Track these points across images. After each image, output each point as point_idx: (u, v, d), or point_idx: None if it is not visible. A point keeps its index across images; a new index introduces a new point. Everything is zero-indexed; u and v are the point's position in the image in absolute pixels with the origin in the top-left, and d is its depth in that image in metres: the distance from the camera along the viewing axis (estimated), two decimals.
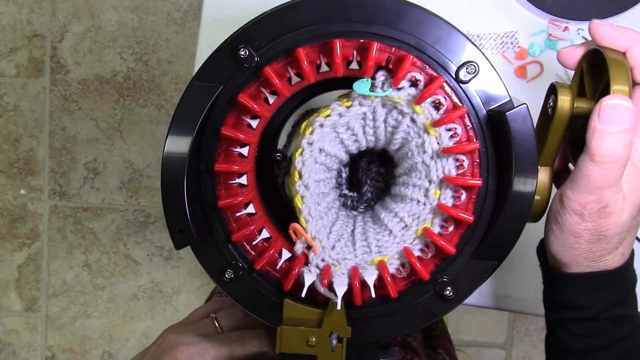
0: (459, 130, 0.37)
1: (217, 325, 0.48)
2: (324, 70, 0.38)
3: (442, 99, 0.37)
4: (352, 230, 0.41)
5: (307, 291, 0.37)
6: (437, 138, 0.38)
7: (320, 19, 0.37)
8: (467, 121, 0.37)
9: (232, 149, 0.38)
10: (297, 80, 0.38)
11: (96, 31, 1.44)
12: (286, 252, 0.39)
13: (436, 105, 0.38)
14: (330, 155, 0.41)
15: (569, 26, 0.58)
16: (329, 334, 0.38)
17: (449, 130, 0.38)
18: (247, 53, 0.37)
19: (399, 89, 0.37)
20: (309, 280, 0.37)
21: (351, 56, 0.37)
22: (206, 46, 0.60)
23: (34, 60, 1.46)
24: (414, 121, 0.38)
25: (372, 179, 0.46)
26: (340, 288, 0.36)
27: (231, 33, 0.38)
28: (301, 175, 0.38)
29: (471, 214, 0.38)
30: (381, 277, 0.37)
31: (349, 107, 0.39)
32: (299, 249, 0.39)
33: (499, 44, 0.58)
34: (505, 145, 0.37)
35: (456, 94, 0.37)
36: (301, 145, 0.38)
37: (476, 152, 0.38)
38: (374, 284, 0.37)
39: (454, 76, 0.37)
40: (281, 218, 0.41)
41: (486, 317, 1.45)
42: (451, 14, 0.40)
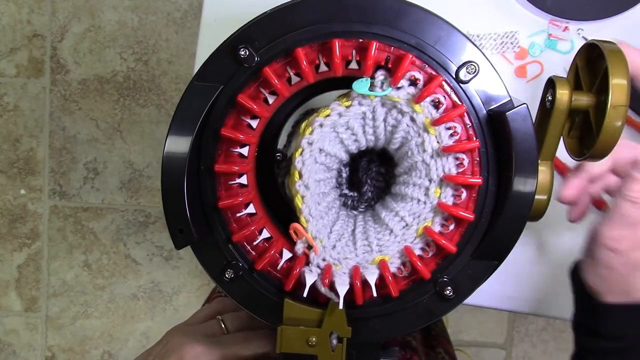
0: (459, 129, 0.37)
1: (223, 326, 0.48)
2: (323, 70, 0.38)
3: (442, 98, 0.37)
4: (353, 230, 0.41)
5: (308, 291, 0.37)
6: (436, 137, 0.38)
7: (320, 19, 0.37)
8: (466, 120, 0.37)
9: (232, 150, 0.38)
10: (296, 80, 0.38)
11: (96, 31, 1.44)
12: (287, 252, 0.39)
13: (436, 104, 0.38)
14: (330, 155, 0.41)
15: (569, 26, 0.58)
16: (329, 334, 0.38)
17: (449, 129, 0.38)
18: (247, 53, 0.37)
19: (399, 88, 0.37)
20: (310, 280, 0.37)
21: (350, 56, 0.37)
22: (206, 46, 0.60)
23: (34, 60, 1.46)
24: (413, 120, 0.38)
25: (372, 178, 0.46)
26: (342, 287, 0.36)
27: (231, 33, 0.38)
28: (301, 175, 0.38)
29: (472, 212, 0.38)
30: (382, 277, 0.38)
31: (348, 107, 0.39)
32: (300, 248, 0.39)
33: (499, 44, 0.58)
34: (506, 145, 0.37)
35: (456, 93, 0.37)
36: (301, 145, 0.38)
37: (476, 151, 0.38)
38: (375, 283, 0.37)
39: (454, 76, 0.37)
40: (281, 218, 0.41)
41: (486, 317, 1.45)
42: (451, 14, 0.40)
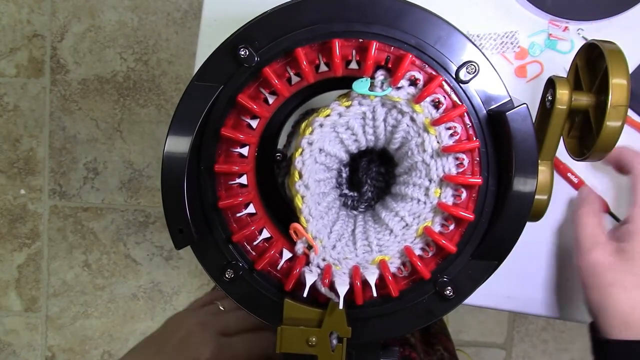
0: (459, 129, 0.37)
1: (220, 307, 0.51)
2: (323, 70, 0.38)
3: (442, 98, 0.37)
4: (353, 230, 0.41)
5: (308, 291, 0.37)
6: (436, 137, 0.38)
7: (320, 19, 0.37)
8: (466, 120, 0.37)
9: (232, 149, 0.38)
10: (296, 80, 0.38)
11: (96, 31, 1.44)
12: (287, 252, 0.39)
13: (436, 104, 0.38)
14: (330, 155, 0.41)
15: (569, 26, 0.58)
16: (329, 334, 0.38)
17: (449, 129, 0.38)
18: (247, 53, 0.37)
19: (398, 88, 0.37)
20: (310, 280, 0.37)
21: (350, 56, 0.37)
22: (206, 46, 0.59)
23: (34, 60, 1.46)
24: (413, 120, 0.38)
25: (372, 178, 0.46)
26: (342, 287, 0.36)
27: (231, 33, 0.38)
28: (301, 175, 0.38)
29: (472, 212, 0.38)
30: (382, 277, 0.38)
31: (348, 107, 0.39)
32: (300, 248, 0.39)
33: (499, 44, 0.58)
34: (506, 145, 0.37)
35: (456, 93, 0.37)
36: (301, 145, 0.38)
37: (476, 151, 0.38)
38: (375, 283, 0.37)
39: (454, 76, 0.37)
40: (281, 218, 0.41)
41: (486, 317, 1.45)
42: (451, 14, 0.40)
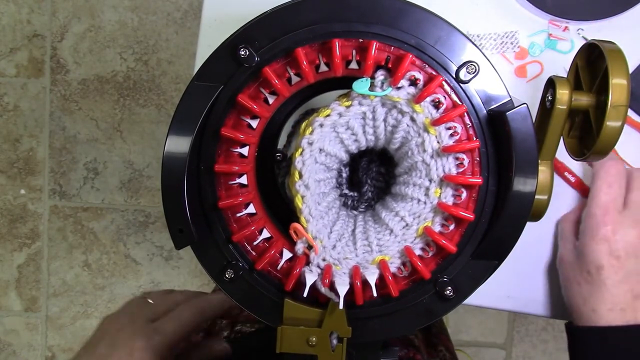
0: (459, 129, 0.37)
1: (148, 300, 0.52)
2: (323, 70, 0.38)
3: (442, 98, 0.37)
4: (353, 230, 0.41)
5: (308, 291, 0.37)
6: (437, 137, 0.38)
7: (320, 19, 0.37)
8: (467, 120, 0.37)
9: (232, 149, 0.38)
10: (296, 80, 0.38)
11: (96, 31, 1.44)
12: (287, 252, 0.39)
13: (436, 104, 0.38)
14: (330, 155, 0.41)
15: (569, 26, 0.58)
16: (329, 334, 0.38)
17: (449, 129, 0.38)
18: (247, 53, 0.37)
19: (399, 88, 0.37)
20: (310, 280, 0.37)
21: (350, 56, 0.37)
22: (206, 46, 0.59)
23: (34, 60, 1.46)
24: (413, 120, 0.38)
25: (372, 178, 0.46)
26: (342, 287, 0.36)
27: (231, 33, 0.38)
28: (301, 175, 0.38)
29: (472, 212, 0.38)
30: (382, 277, 0.37)
31: (348, 107, 0.39)
32: (300, 248, 0.39)
33: (499, 44, 0.58)
34: (506, 145, 0.37)
35: (456, 93, 0.37)
36: (301, 145, 0.38)
37: (476, 151, 0.38)
38: (375, 283, 0.37)
39: (454, 76, 0.37)
40: (281, 218, 0.41)
41: (486, 317, 1.45)
42: (451, 14, 0.40)
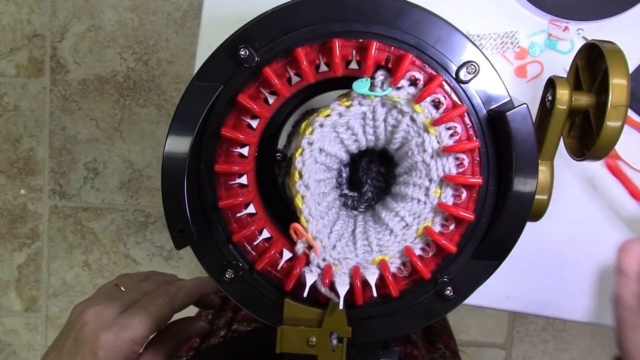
0: (459, 129, 0.37)
1: (120, 288, 0.50)
2: (323, 70, 0.38)
3: (442, 98, 0.37)
4: (353, 230, 0.41)
5: (308, 291, 0.37)
6: (437, 137, 0.38)
7: (320, 19, 0.37)
8: (467, 120, 0.37)
9: (232, 150, 0.38)
10: (296, 80, 0.38)
11: (96, 31, 1.44)
12: (287, 252, 0.39)
13: (436, 104, 0.38)
14: (331, 155, 0.41)
15: (569, 26, 0.58)
16: (329, 334, 0.38)
17: (449, 129, 0.38)
18: (247, 53, 0.37)
19: (399, 88, 0.37)
20: (311, 280, 0.37)
21: (350, 56, 0.37)
22: (206, 46, 0.59)
23: (34, 60, 1.46)
24: (413, 120, 0.38)
25: (372, 178, 0.46)
26: (342, 287, 0.36)
27: (231, 33, 0.38)
28: (301, 175, 0.38)
29: (472, 212, 0.38)
30: (382, 277, 0.37)
31: (348, 107, 0.39)
32: (300, 249, 0.39)
33: (499, 44, 0.58)
34: (506, 145, 0.37)
35: (456, 93, 0.37)
36: (301, 145, 0.38)
37: (476, 151, 0.38)
38: (375, 284, 0.37)
39: (454, 76, 0.37)
40: (281, 218, 0.41)
41: (486, 317, 1.45)
42: (451, 14, 0.40)
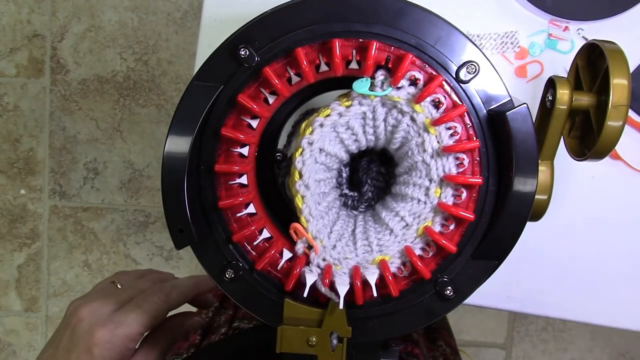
0: (459, 129, 0.37)
1: (117, 285, 0.50)
2: (323, 70, 0.38)
3: (442, 98, 0.37)
4: (353, 230, 0.41)
5: (308, 291, 0.37)
6: (437, 137, 0.38)
7: (320, 19, 0.37)
8: (467, 120, 0.37)
9: (232, 149, 0.38)
10: (296, 80, 0.38)
11: (96, 31, 1.44)
12: (287, 252, 0.39)
13: (436, 104, 0.38)
14: (331, 154, 0.41)
15: (569, 26, 0.58)
16: (329, 334, 0.38)
17: (449, 129, 0.38)
18: (248, 53, 0.37)
19: (399, 88, 0.37)
20: (311, 280, 0.37)
21: (350, 56, 0.37)
22: (206, 46, 0.60)
23: (34, 60, 1.46)
24: (413, 120, 0.38)
25: (372, 178, 0.46)
26: (342, 287, 0.36)
27: (231, 33, 0.38)
28: (301, 175, 0.38)
29: (472, 212, 0.38)
30: (382, 276, 0.37)
31: (348, 107, 0.39)
32: (300, 248, 0.39)
33: (499, 44, 0.58)
34: (506, 145, 0.37)
35: (456, 93, 0.37)
36: (301, 145, 0.38)
37: (476, 150, 0.38)
38: (375, 283, 0.37)
39: (454, 76, 0.37)
40: (281, 218, 0.41)
41: (486, 317, 1.45)
42: (451, 14, 0.40)
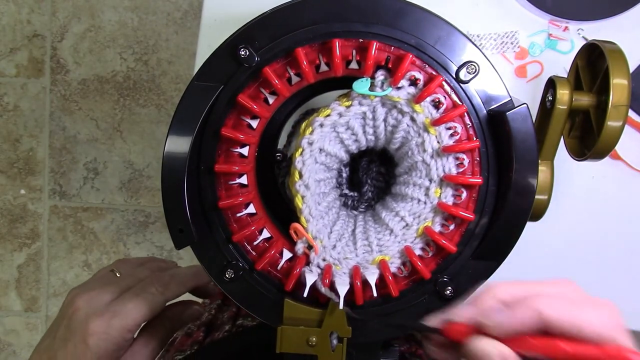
0: (459, 129, 0.37)
1: (116, 273, 0.50)
2: (323, 70, 0.38)
3: (442, 98, 0.37)
4: (353, 230, 0.41)
5: (308, 291, 0.37)
6: (437, 137, 0.38)
7: (320, 19, 0.37)
8: (467, 120, 0.37)
9: (232, 149, 0.38)
10: (296, 80, 0.38)
11: (96, 31, 1.44)
12: (287, 252, 0.39)
13: (436, 104, 0.38)
14: (331, 154, 0.41)
15: (569, 26, 0.58)
16: (329, 334, 0.38)
17: (449, 129, 0.38)
18: (248, 53, 0.37)
19: (399, 88, 0.37)
20: (311, 280, 0.37)
21: (350, 56, 0.37)
22: (206, 46, 0.59)
23: (34, 60, 1.46)
24: (413, 120, 0.38)
25: (372, 178, 0.46)
26: (342, 287, 0.36)
27: (231, 33, 0.38)
28: (301, 175, 0.38)
29: (472, 212, 0.38)
30: (382, 277, 0.37)
31: (348, 107, 0.39)
32: (300, 248, 0.39)
33: (499, 44, 0.58)
34: (506, 145, 0.37)
35: (456, 93, 0.37)
36: (301, 145, 0.38)
37: (476, 151, 0.38)
38: (375, 283, 0.37)
39: (454, 76, 0.37)
40: (281, 218, 0.41)
41: None
42: (451, 14, 0.40)
